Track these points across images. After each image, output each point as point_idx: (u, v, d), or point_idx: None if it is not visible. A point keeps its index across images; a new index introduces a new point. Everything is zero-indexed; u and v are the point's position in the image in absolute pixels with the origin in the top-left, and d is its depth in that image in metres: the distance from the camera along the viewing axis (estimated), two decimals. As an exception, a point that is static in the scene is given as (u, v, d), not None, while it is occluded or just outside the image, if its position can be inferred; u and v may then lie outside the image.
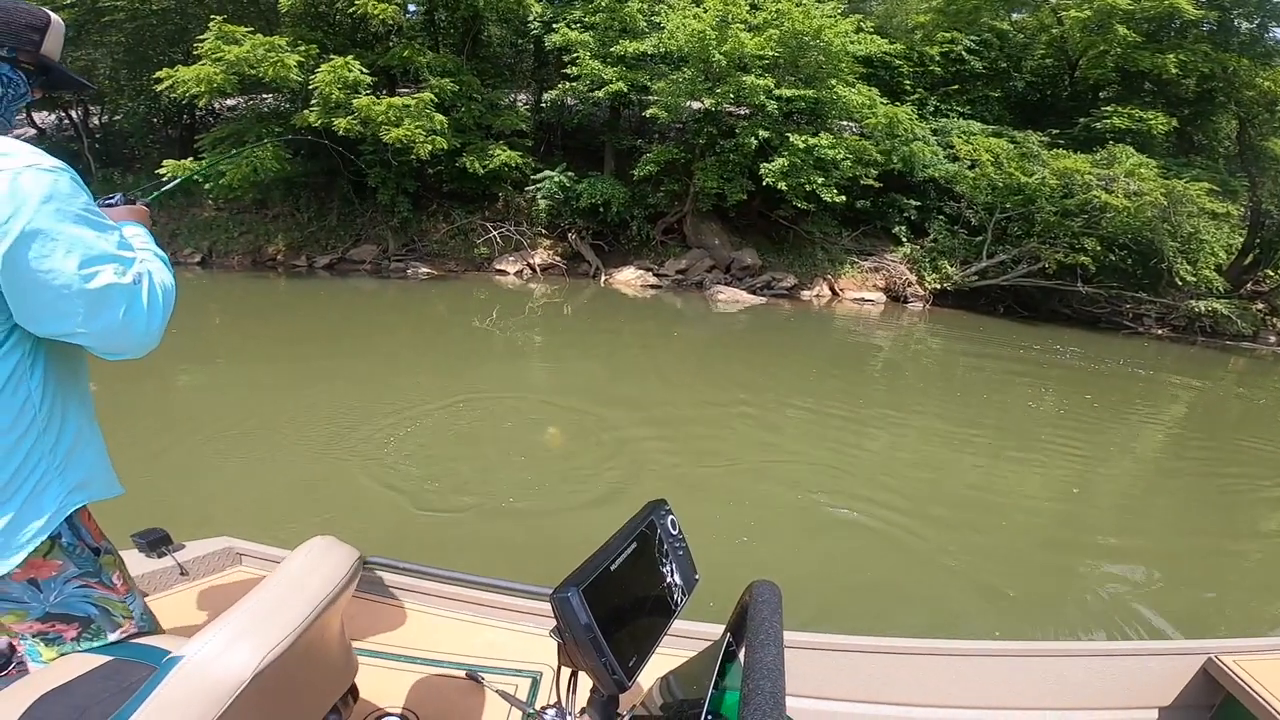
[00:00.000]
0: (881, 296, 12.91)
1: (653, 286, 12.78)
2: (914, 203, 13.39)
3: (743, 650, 0.86)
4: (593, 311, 11.47)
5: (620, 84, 12.13)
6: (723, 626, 1.01)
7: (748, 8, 12.07)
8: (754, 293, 12.40)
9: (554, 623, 0.82)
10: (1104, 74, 14.73)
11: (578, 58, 12.24)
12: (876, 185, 12.48)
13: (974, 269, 12.63)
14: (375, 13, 11.30)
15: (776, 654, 0.78)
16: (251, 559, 1.91)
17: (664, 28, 12.15)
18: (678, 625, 1.12)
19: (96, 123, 15.49)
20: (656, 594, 0.95)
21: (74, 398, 1.10)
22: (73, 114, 14.84)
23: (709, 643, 1.06)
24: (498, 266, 13.09)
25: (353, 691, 1.23)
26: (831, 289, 12.98)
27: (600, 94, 12.40)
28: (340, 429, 5.29)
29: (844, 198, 12.03)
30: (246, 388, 6.79)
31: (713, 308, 11.76)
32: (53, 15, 1.10)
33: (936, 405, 7.64)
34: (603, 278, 12.98)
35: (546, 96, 14.15)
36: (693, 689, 0.94)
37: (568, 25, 12.60)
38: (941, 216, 13.60)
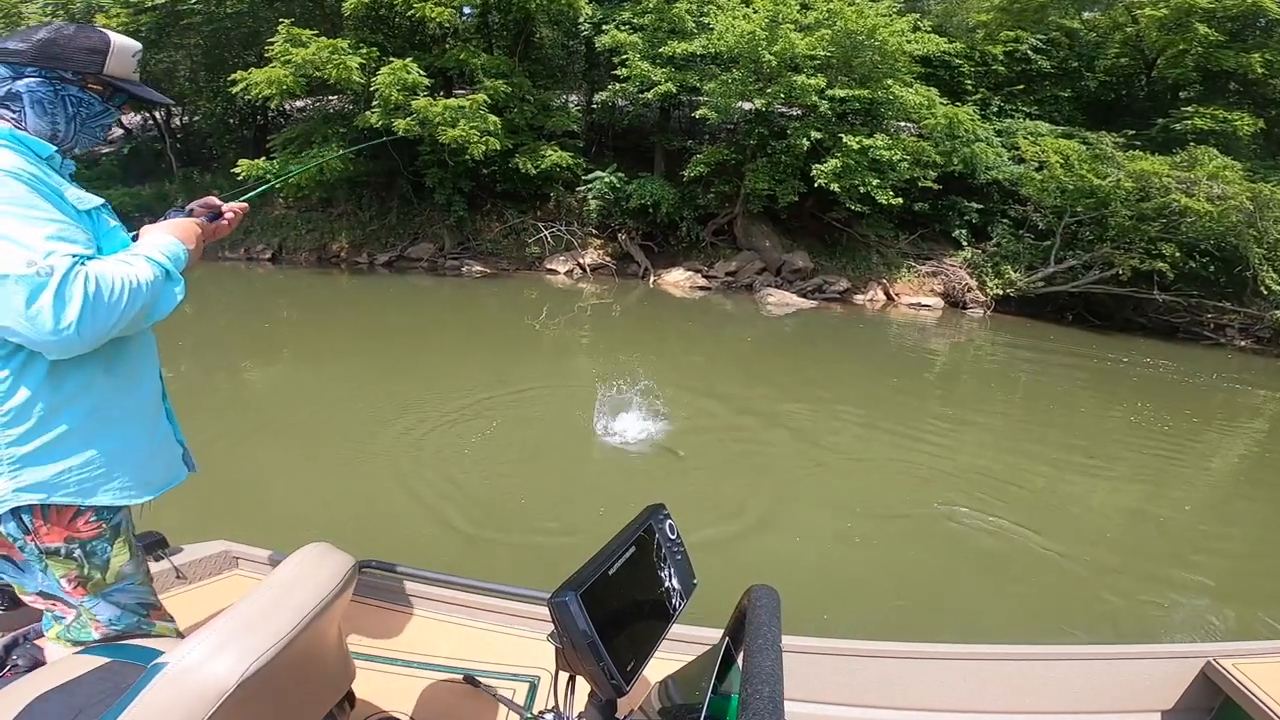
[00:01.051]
0: (939, 302, 12.27)
1: (701, 288, 12.51)
2: (976, 205, 12.68)
3: (741, 655, 0.84)
4: (641, 312, 11.29)
5: (669, 85, 11.91)
6: (721, 631, 0.99)
7: (798, 7, 11.68)
8: (805, 296, 11.98)
9: (552, 627, 0.80)
10: (1184, 73, 13.71)
11: (627, 59, 12.08)
12: (935, 187, 11.90)
13: (1040, 274, 11.87)
14: (432, 15, 11.40)
15: (775, 658, 0.76)
16: (248, 562, 1.87)
17: (713, 28, 11.88)
18: (676, 630, 1.12)
19: (178, 123, 16.17)
20: (655, 598, 0.94)
21: (76, 396, 1.08)
22: (156, 115, 15.53)
23: (707, 647, 1.03)
24: (548, 266, 13.05)
25: (349, 698, 1.20)
26: (886, 293, 12.42)
27: (650, 95, 12.21)
28: (396, 427, 5.25)
29: (900, 200, 11.51)
30: (308, 381, 6.91)
31: (761, 310, 11.42)
32: (115, 38, 1.13)
33: (1002, 413, 7.16)
34: (651, 278, 12.78)
35: (597, 98, 14.05)
36: (691, 693, 0.93)
37: (617, 27, 12.46)
38: (1005, 220, 12.85)
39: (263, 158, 12.14)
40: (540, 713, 0.98)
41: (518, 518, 4.01)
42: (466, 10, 13.26)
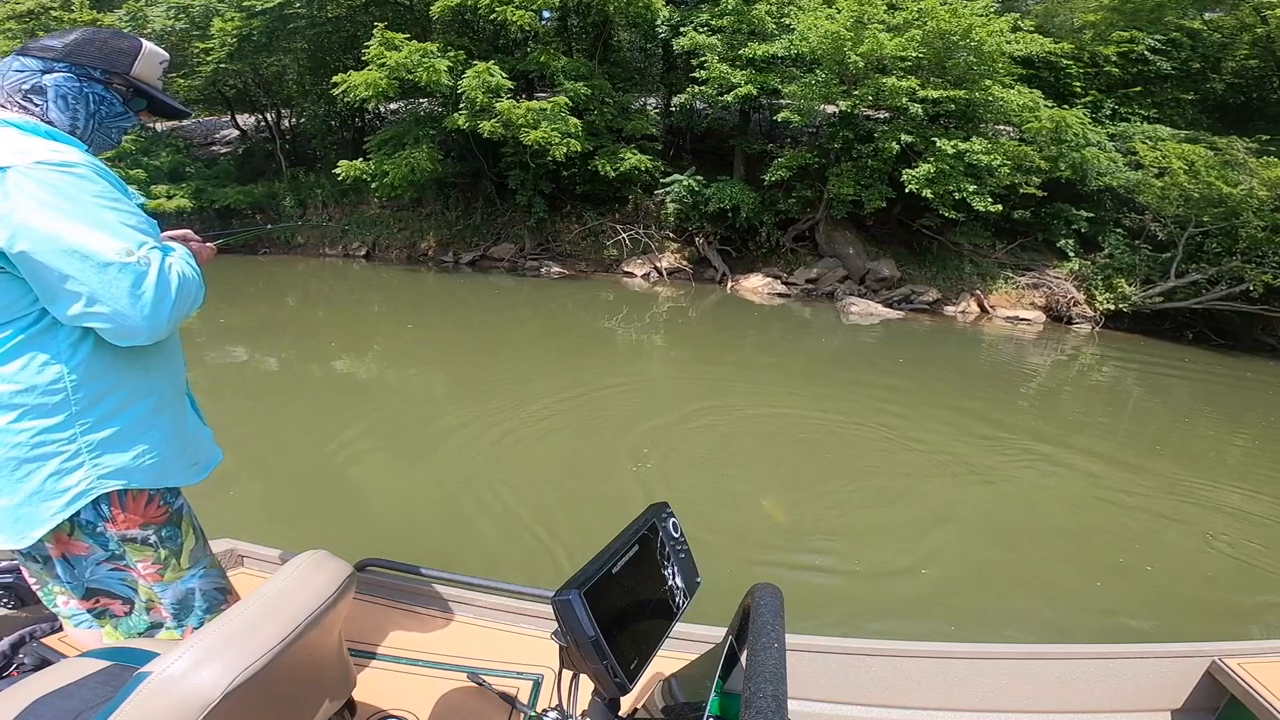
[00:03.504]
0: (1040, 316, 10.85)
1: (781, 295, 11.64)
2: (1085, 214, 11.14)
3: (744, 653, 0.81)
4: (717, 319, 10.56)
5: (749, 87, 11.02)
6: (724, 629, 0.96)
7: (885, 8, 10.67)
8: (890, 306, 10.91)
9: (555, 625, 0.77)
10: (1325, 73, 11.82)
11: (705, 61, 11.32)
12: (1040, 194, 10.61)
13: (1158, 289, 10.36)
14: (514, 19, 11.02)
15: (778, 656, 0.73)
16: (254, 560, 1.80)
17: (794, 29, 10.99)
18: (679, 628, 1.08)
19: (287, 125, 16.55)
20: (658, 597, 0.90)
21: (140, 384, 1.09)
22: (268, 117, 15.94)
23: (711, 645, 1.01)
24: (625, 268, 12.50)
25: (350, 705, 1.15)
26: (980, 305, 11.10)
27: (729, 98, 11.36)
28: (467, 431, 4.86)
29: (1000, 207, 10.32)
30: (392, 378, 6.72)
31: (844, 320, 10.47)
32: (146, 44, 1.13)
33: (1118, 440, 6.07)
34: (729, 284, 12.00)
35: (675, 100, 13.39)
36: (695, 691, 0.90)
37: (695, 29, 11.72)
38: (1119, 230, 11.31)
39: (360, 159, 12.19)
40: (544, 711, 0.94)
41: (574, 530, 3.57)
42: (546, 14, 12.92)
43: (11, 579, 1.42)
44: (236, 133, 17.10)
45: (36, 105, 1.05)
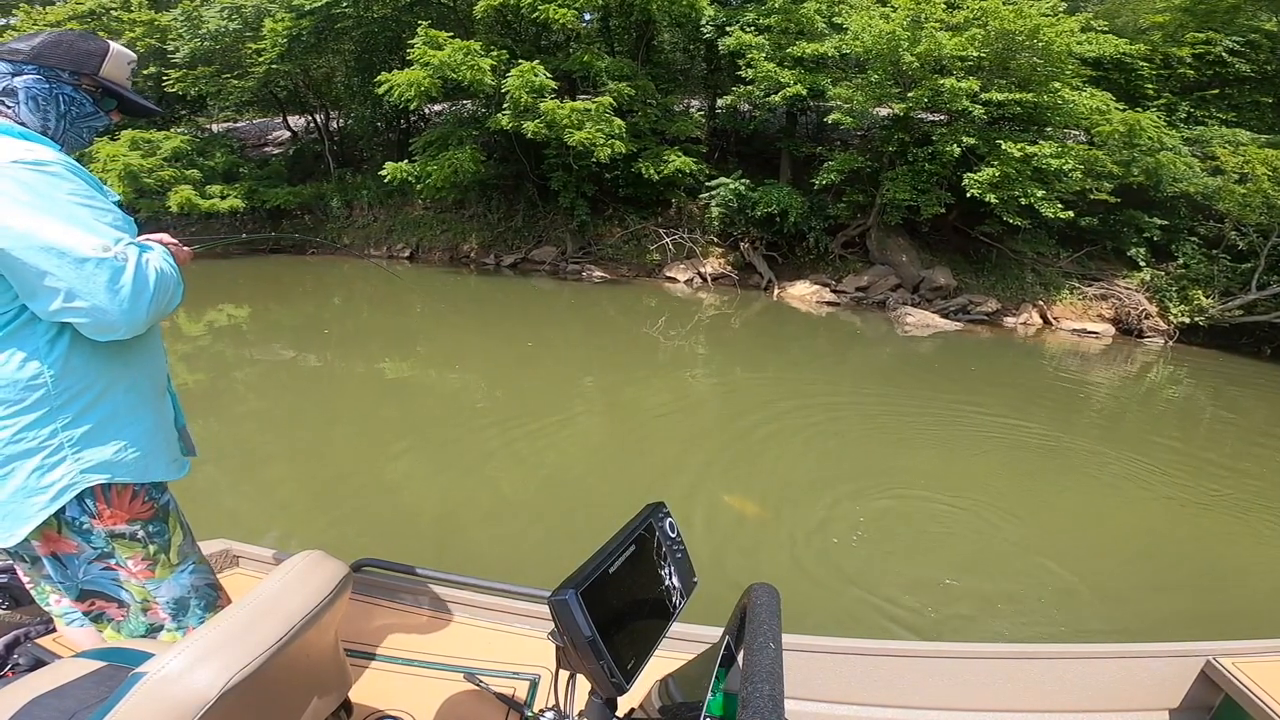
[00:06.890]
0: (1108, 329, 10.03)
1: (829, 303, 11.06)
2: (1158, 221, 10.33)
3: (741, 653, 0.79)
4: (762, 327, 10.06)
5: (799, 87, 10.37)
6: (721, 629, 0.96)
7: (944, 7, 10.06)
8: (947, 316, 10.25)
9: (552, 625, 0.75)
10: None
11: (752, 60, 10.75)
12: (1112, 200, 9.89)
13: (1237, 301, 9.52)
14: (556, 17, 10.61)
15: (775, 656, 0.72)
16: (249, 561, 1.77)
17: (846, 29, 10.40)
18: (676, 628, 1.05)
19: (335, 126, 16.52)
20: (655, 596, 0.87)
21: (118, 379, 1.07)
22: (317, 119, 15.88)
23: (708, 645, 0.98)
24: (668, 273, 12.06)
25: (346, 706, 1.10)
26: (1043, 317, 10.30)
27: (777, 98, 10.73)
28: (501, 439, 4.54)
29: (1070, 213, 9.63)
30: (433, 382, 6.49)
31: (897, 330, 9.85)
32: (114, 45, 1.12)
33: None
34: (775, 291, 11.45)
35: (721, 102, 12.91)
36: (692, 691, 0.88)
37: (741, 29, 11.19)
38: (1194, 238, 10.50)
39: (405, 160, 12.01)
40: (540, 711, 0.92)
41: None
42: (587, 15, 12.57)
43: (6, 579, 1.38)
44: (287, 134, 17.12)
45: (9, 107, 1.05)
